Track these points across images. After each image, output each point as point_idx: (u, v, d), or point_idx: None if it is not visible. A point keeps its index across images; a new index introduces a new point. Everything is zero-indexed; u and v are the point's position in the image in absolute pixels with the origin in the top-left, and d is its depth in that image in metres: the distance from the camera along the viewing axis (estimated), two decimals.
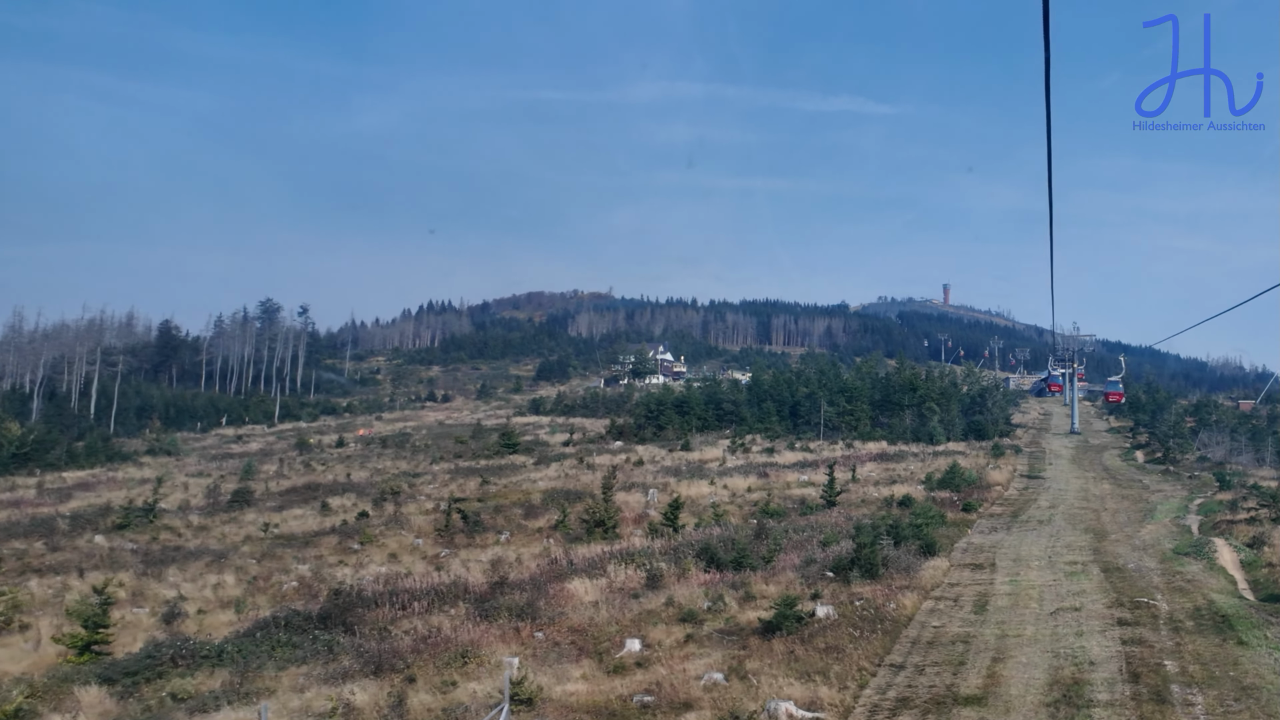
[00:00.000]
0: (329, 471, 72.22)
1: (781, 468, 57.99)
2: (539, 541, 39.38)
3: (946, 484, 47.56)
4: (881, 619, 20.48)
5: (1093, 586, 24.27)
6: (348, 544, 40.28)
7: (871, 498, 45.21)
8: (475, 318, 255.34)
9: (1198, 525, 35.85)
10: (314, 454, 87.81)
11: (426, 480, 62.40)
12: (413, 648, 19.73)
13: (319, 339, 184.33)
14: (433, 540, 40.79)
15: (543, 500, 47.43)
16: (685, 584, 25.60)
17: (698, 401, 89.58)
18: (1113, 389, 61.00)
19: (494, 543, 39.72)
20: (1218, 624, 19.41)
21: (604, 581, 26.48)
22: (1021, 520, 38.75)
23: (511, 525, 43.01)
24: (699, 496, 47.66)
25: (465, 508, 45.39)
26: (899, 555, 27.47)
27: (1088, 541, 32.69)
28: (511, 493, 53.11)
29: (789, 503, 44.74)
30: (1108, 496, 46.50)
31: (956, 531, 34.89)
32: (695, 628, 21.23)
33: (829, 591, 23.85)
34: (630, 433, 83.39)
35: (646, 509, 43.62)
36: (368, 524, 44.09)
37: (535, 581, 26.55)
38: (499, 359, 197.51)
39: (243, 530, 45.35)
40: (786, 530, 33.45)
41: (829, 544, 29.22)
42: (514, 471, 62.66)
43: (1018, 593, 23.68)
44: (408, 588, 25.89)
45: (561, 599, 24.78)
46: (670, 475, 56.81)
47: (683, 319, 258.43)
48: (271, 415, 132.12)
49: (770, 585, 24.94)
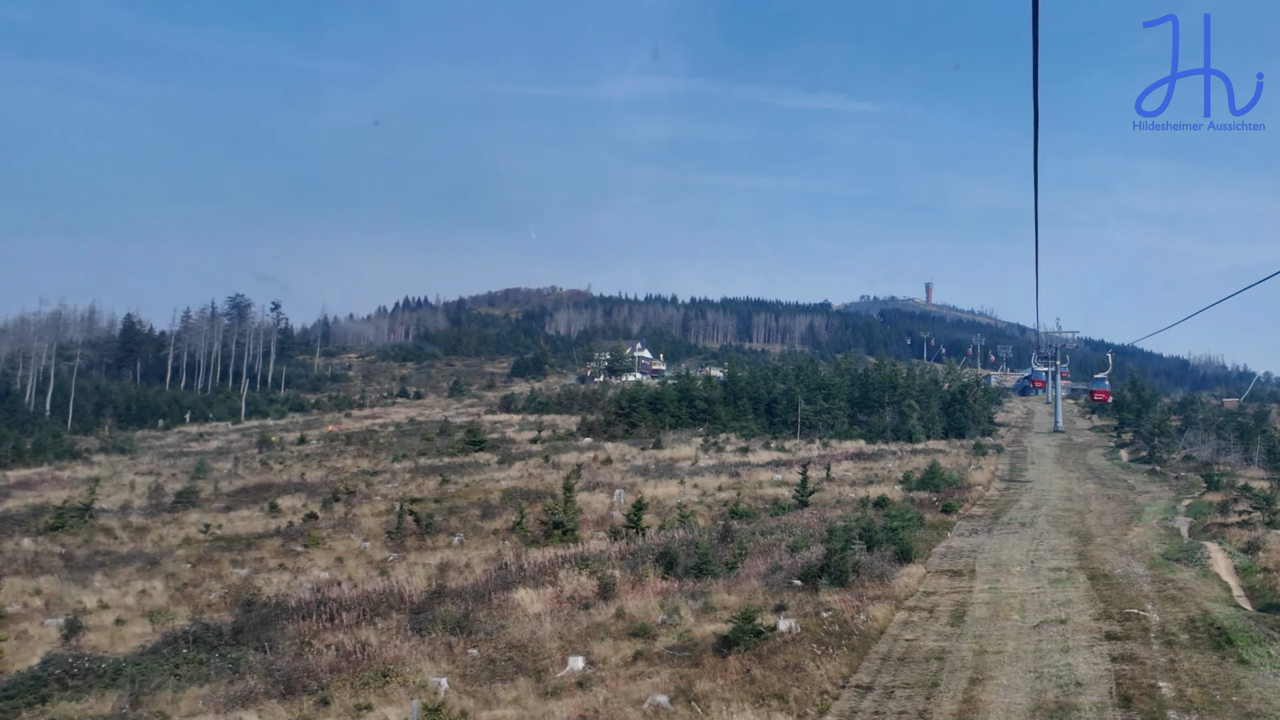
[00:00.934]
0: (286, 470, 70.22)
1: (754, 467, 56.51)
2: (494, 544, 37.72)
3: (925, 484, 46.21)
4: (850, 633, 18.96)
5: (1078, 595, 22.85)
6: (291, 547, 38.48)
7: (847, 498, 43.80)
8: (451, 314, 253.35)
9: (1187, 528, 34.60)
10: (274, 452, 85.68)
11: (385, 479, 60.58)
12: (331, 666, 18.06)
13: (291, 335, 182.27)
14: (382, 543, 39.03)
15: (501, 501, 45.75)
16: (641, 593, 24.01)
17: (671, 399, 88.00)
18: (1099, 387, 58.44)
19: (446, 546, 38.00)
20: (1215, 638, 17.99)
21: (553, 590, 24.85)
22: (1003, 522, 37.42)
23: (467, 527, 41.29)
24: (666, 497, 46.10)
25: (419, 509, 43.66)
26: (872, 561, 26.00)
27: (1072, 545, 31.34)
28: (472, 492, 51.39)
29: (760, 503, 43.25)
30: (1092, 497, 45.28)
31: (935, 534, 33.48)
32: (646, 643, 19.65)
33: (795, 602, 22.32)
34: (600, 430, 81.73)
35: (610, 510, 42.01)
36: (315, 526, 42.29)
37: (478, 590, 24.89)
38: (474, 356, 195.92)
39: (183, 532, 43.41)
40: (755, 533, 31.94)
41: (798, 549, 27.71)
42: (477, 470, 60.90)
43: (998, 602, 22.23)
44: (338, 597, 24.17)
45: (505, 610, 23.14)
46: (639, 474, 55.24)
47: (662, 316, 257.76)
48: (238, 412, 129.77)
49: (732, 595, 23.40)
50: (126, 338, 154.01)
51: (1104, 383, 56.31)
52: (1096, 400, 57.87)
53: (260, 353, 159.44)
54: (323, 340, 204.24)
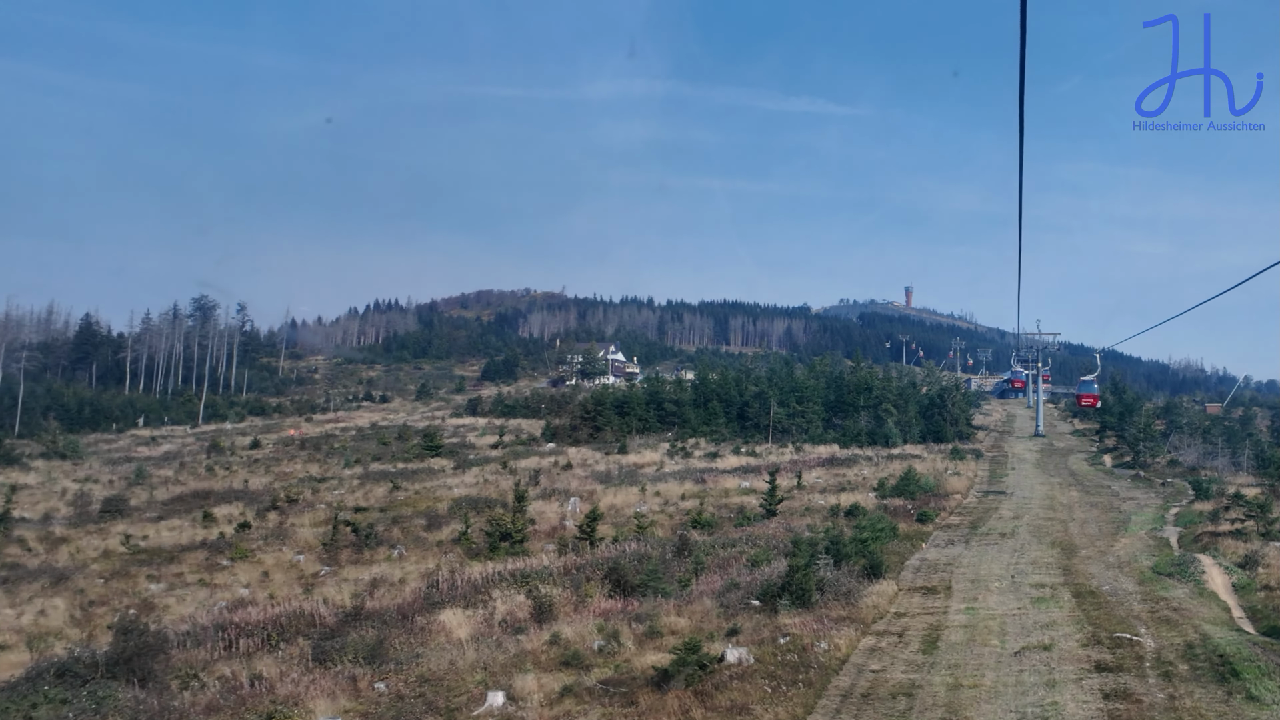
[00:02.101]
0: (231, 476, 67.77)
1: (721, 473, 54.60)
2: (437, 556, 35.58)
3: (900, 491, 44.47)
4: (808, 664, 17.00)
5: (1063, 616, 21.04)
6: (216, 561, 36.16)
7: (818, 506, 41.97)
8: (423, 317, 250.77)
9: (1177, 539, 32.95)
10: (223, 457, 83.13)
11: (333, 486, 58.27)
12: (209, 705, 15.91)
13: (257, 337, 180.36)
14: (316, 556, 36.79)
15: (450, 510, 43.55)
16: (581, 615, 21.98)
17: (639, 402, 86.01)
18: (1087, 390, 52.64)
19: (385, 559, 35.83)
20: (1217, 668, 16.18)
21: (485, 612, 22.77)
22: (982, 532, 35.66)
23: (409, 538, 39.12)
24: (625, 505, 44.11)
25: (363, 518, 41.49)
26: (839, 578, 24.09)
27: (1055, 558, 29.59)
28: (421, 500, 49.21)
29: (725, 512, 41.33)
30: (1076, 505, 43.66)
31: (909, 546, 31.65)
32: (579, 675, 17.61)
33: (750, 625, 20.36)
34: (565, 435, 79.67)
35: (564, 520, 39.93)
36: (246, 537, 39.97)
37: (402, 611, 22.78)
38: (443, 359, 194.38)
39: (104, 544, 40.96)
40: (715, 545, 29.97)
41: (759, 564, 25.78)
42: (430, 476, 58.68)
43: (975, 625, 20.36)
44: (242, 620, 21.96)
45: (427, 635, 21.05)
46: (599, 481, 53.20)
47: (638, 319, 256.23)
48: (196, 416, 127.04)
49: (682, 617, 21.41)
50: (82, 339, 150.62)
51: (1092, 386, 50.64)
52: (1084, 405, 51.33)
53: (223, 355, 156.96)
54: (289, 343, 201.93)
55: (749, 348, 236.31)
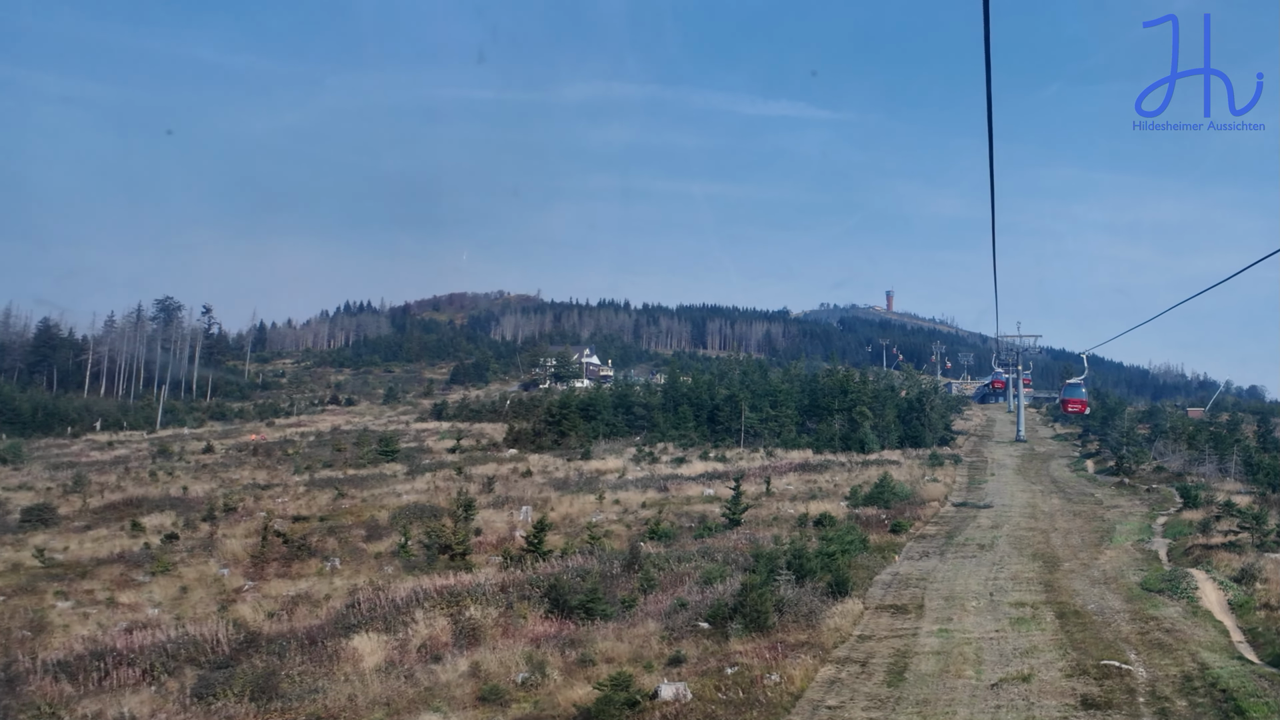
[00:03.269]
0: (173, 483, 65.20)
1: (686, 480, 52.64)
2: (372, 570, 33.45)
3: (874, 499, 42.69)
4: (755, 701, 15.09)
5: (1045, 640, 19.24)
6: (132, 575, 33.84)
7: (786, 515, 40.10)
8: (395, 320, 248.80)
9: (1166, 551, 31.29)
10: (170, 463, 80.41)
11: (277, 493, 55.92)
12: None
13: (225, 340, 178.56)
14: (243, 569, 34.56)
15: (392, 519, 41.38)
16: (510, 640, 19.98)
17: (606, 405, 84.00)
18: (1073, 395, 45.29)
19: (316, 572, 33.65)
20: (1220, 706, 14.40)
21: (405, 636, 20.71)
22: (958, 543, 33.90)
23: (345, 550, 36.93)
24: (581, 514, 42.10)
25: (298, 529, 39.31)
26: (800, 596, 22.21)
27: (1037, 572, 27.83)
28: (366, 509, 47.03)
29: (686, 522, 39.39)
30: (1058, 514, 42.01)
31: (879, 559, 29.82)
32: (494, 713, 15.63)
33: (696, 653, 18.43)
34: (528, 440, 77.53)
35: (513, 530, 37.85)
36: (172, 549, 37.68)
37: (311, 635, 20.69)
38: (413, 362, 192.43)
39: (17, 556, 38.44)
40: (669, 559, 27.99)
41: (712, 581, 23.83)
42: (380, 483, 56.44)
43: (949, 651, 18.51)
44: (126, 647, 19.79)
45: (333, 663, 18.98)
46: (557, 488, 51.13)
47: (614, 322, 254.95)
48: (154, 420, 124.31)
49: (622, 642, 19.47)
50: (41, 341, 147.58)
51: (1079, 390, 44.16)
52: (1070, 411, 44.13)
53: (187, 358, 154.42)
54: (258, 346, 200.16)
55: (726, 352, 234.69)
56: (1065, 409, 44.54)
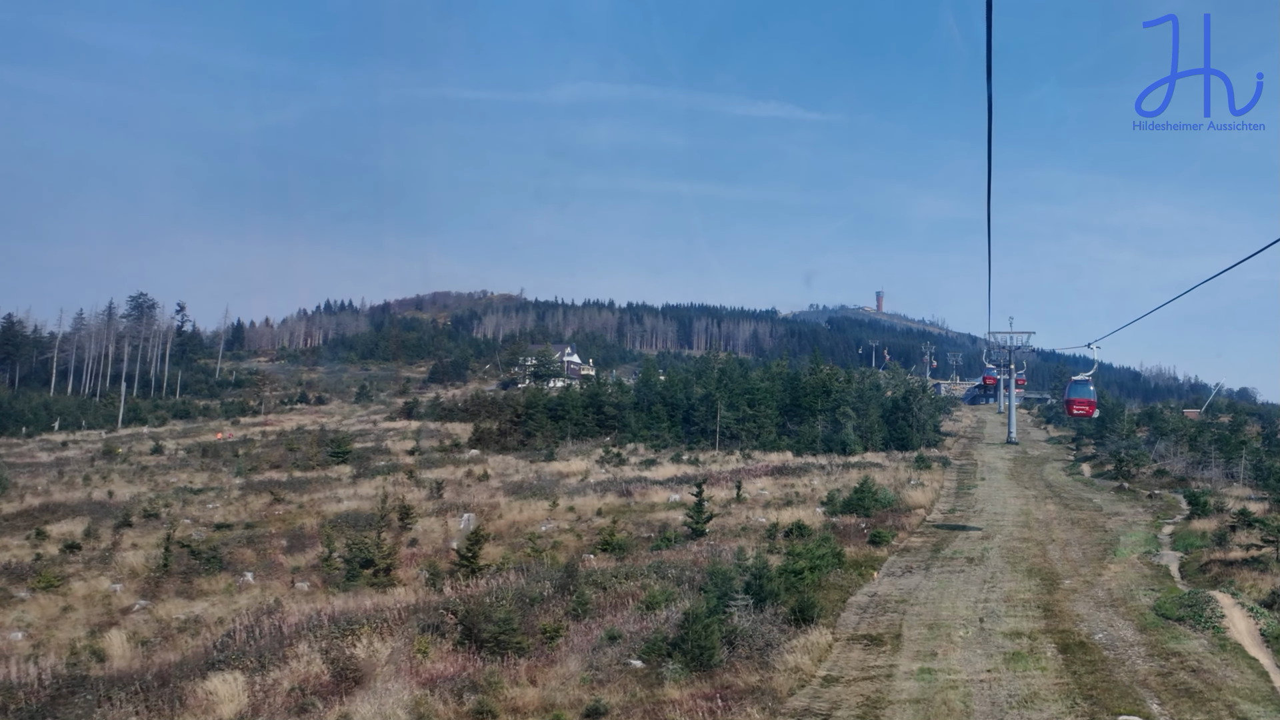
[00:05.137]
0: (106, 485, 61.74)
1: (653, 484, 49.39)
2: (287, 586, 30.14)
3: (854, 506, 39.62)
4: None
5: (1047, 684, 16.19)
6: (12, 591, 30.41)
7: (756, 524, 36.98)
8: (376, 318, 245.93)
9: (1178, 566, 28.31)
10: (111, 464, 76.80)
11: (211, 497, 52.50)
12: None
13: (199, 338, 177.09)
14: (139, 585, 31.19)
15: (322, 528, 38.01)
16: (400, 682, 16.74)
17: (576, 405, 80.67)
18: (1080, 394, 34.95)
19: (223, 588, 30.35)
20: None
21: (278, 674, 17.45)
22: (945, 557, 30.84)
23: (263, 562, 33.63)
24: (530, 522, 38.86)
25: (216, 538, 35.97)
26: (757, 626, 19.13)
27: (1034, 592, 24.77)
28: (300, 515, 43.81)
29: (645, 531, 36.20)
30: (1054, 522, 38.98)
31: (855, 577, 26.72)
32: None
33: (621, 700, 15.28)
34: (493, 440, 74.23)
35: (450, 540, 34.53)
36: (68, 560, 34.26)
37: (163, 675, 17.40)
38: (391, 360, 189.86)
39: None
40: (614, 577, 24.76)
41: (655, 606, 20.64)
42: (323, 486, 53.11)
43: (931, 699, 15.43)
44: None
45: (179, 711, 15.69)
46: (511, 493, 47.87)
47: (598, 321, 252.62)
48: (116, 419, 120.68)
49: (534, 685, 16.31)
50: (4, 339, 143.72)
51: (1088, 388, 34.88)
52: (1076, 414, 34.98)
53: (158, 356, 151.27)
54: (235, 344, 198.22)
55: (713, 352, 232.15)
56: (1070, 411, 37.53)
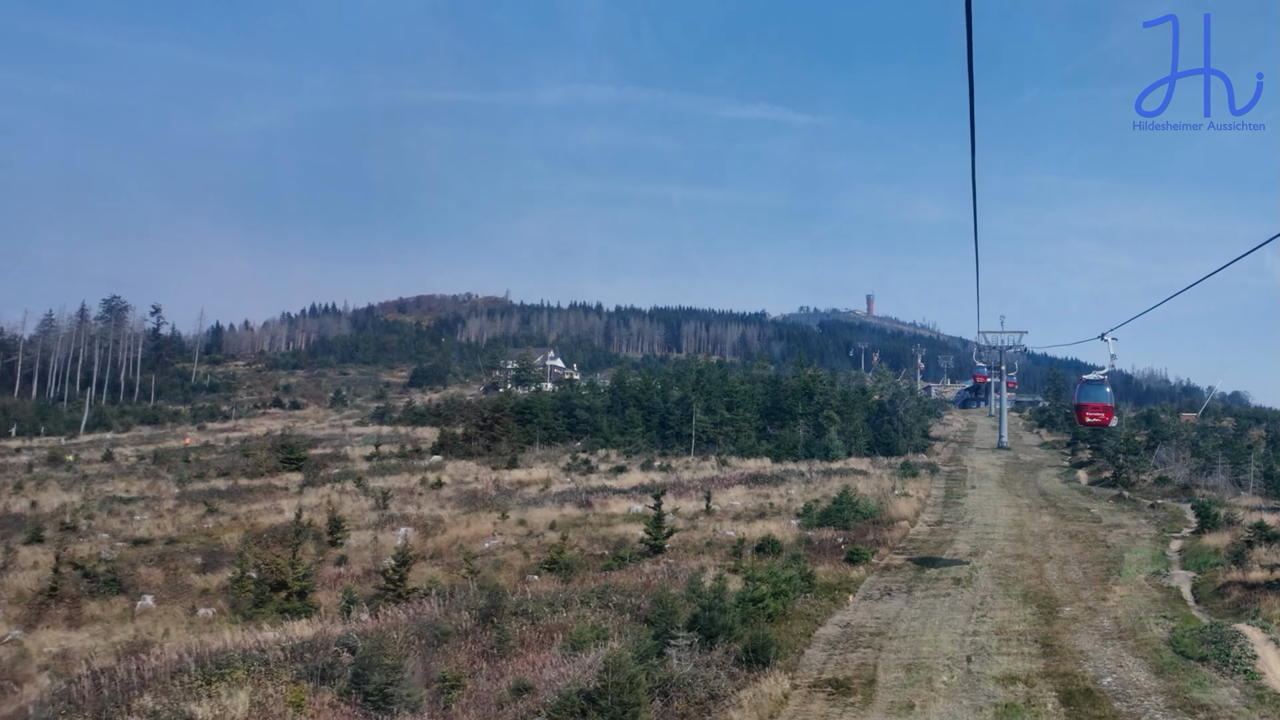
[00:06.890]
0: (35, 494, 58.44)
1: (616, 494, 46.33)
2: (187, 613, 27.07)
3: (832, 518, 36.77)
4: None
5: None
6: None
7: (723, 539, 34.01)
8: (358, 321, 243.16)
9: (1191, 588, 25.49)
10: (54, 472, 73.47)
11: (142, 507, 49.31)
12: None
13: (178, 341, 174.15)
14: (24, 610, 28.03)
15: (243, 544, 34.85)
16: None
17: (545, 408, 77.56)
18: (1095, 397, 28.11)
19: (117, 614, 27.27)
20: None
21: None
22: (930, 577, 27.97)
23: (171, 584, 30.55)
24: (475, 537, 35.79)
25: (131, 554, 32.86)
26: (700, 671, 16.14)
27: (1029, 622, 21.86)
28: (231, 528, 40.76)
29: (600, 547, 33.17)
30: (1050, 535, 36.11)
31: (827, 603, 23.78)
32: None
33: None
34: (457, 446, 71.04)
35: (379, 560, 31.41)
36: None
37: None
38: (371, 364, 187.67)
39: None
40: (549, 604, 21.75)
41: (582, 646, 17.61)
42: (265, 496, 50.01)
43: None
44: None
45: None
46: (463, 504, 44.82)
47: (585, 325, 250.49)
48: (78, 424, 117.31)
49: None
50: None
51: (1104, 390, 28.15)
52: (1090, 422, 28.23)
53: (130, 360, 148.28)
54: (213, 348, 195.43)
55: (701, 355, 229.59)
56: (1082, 418, 29.27)
